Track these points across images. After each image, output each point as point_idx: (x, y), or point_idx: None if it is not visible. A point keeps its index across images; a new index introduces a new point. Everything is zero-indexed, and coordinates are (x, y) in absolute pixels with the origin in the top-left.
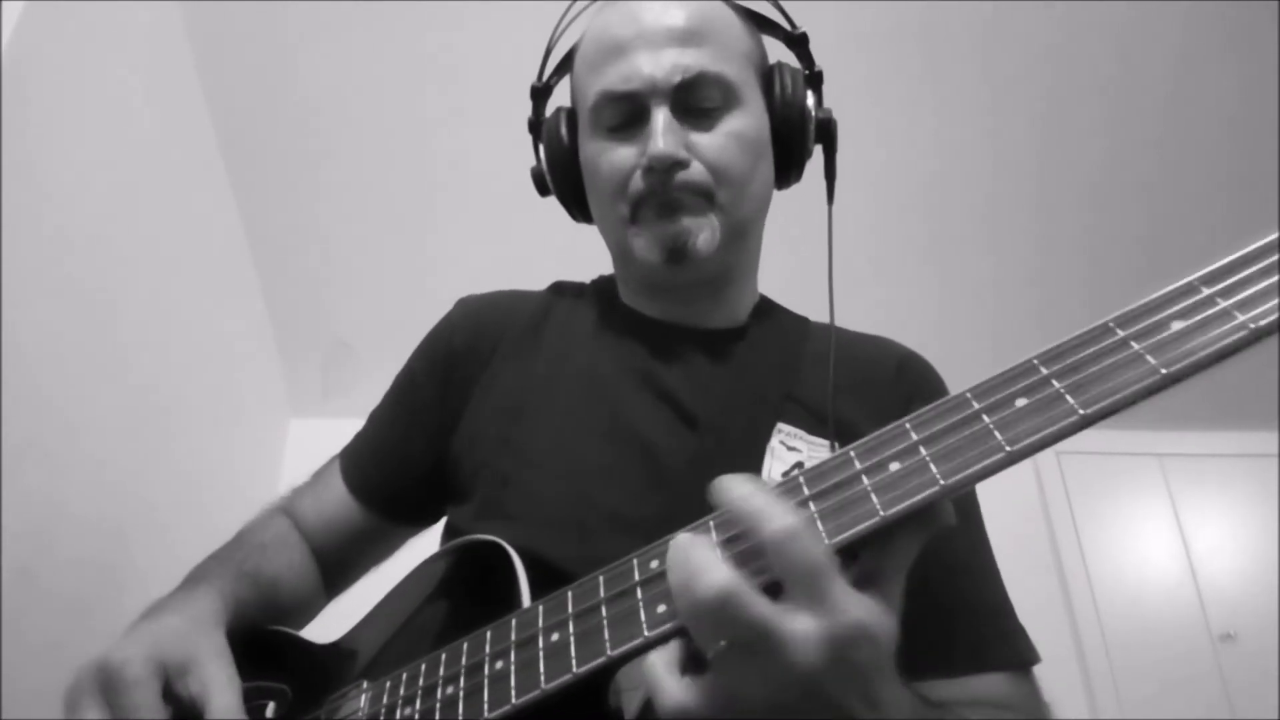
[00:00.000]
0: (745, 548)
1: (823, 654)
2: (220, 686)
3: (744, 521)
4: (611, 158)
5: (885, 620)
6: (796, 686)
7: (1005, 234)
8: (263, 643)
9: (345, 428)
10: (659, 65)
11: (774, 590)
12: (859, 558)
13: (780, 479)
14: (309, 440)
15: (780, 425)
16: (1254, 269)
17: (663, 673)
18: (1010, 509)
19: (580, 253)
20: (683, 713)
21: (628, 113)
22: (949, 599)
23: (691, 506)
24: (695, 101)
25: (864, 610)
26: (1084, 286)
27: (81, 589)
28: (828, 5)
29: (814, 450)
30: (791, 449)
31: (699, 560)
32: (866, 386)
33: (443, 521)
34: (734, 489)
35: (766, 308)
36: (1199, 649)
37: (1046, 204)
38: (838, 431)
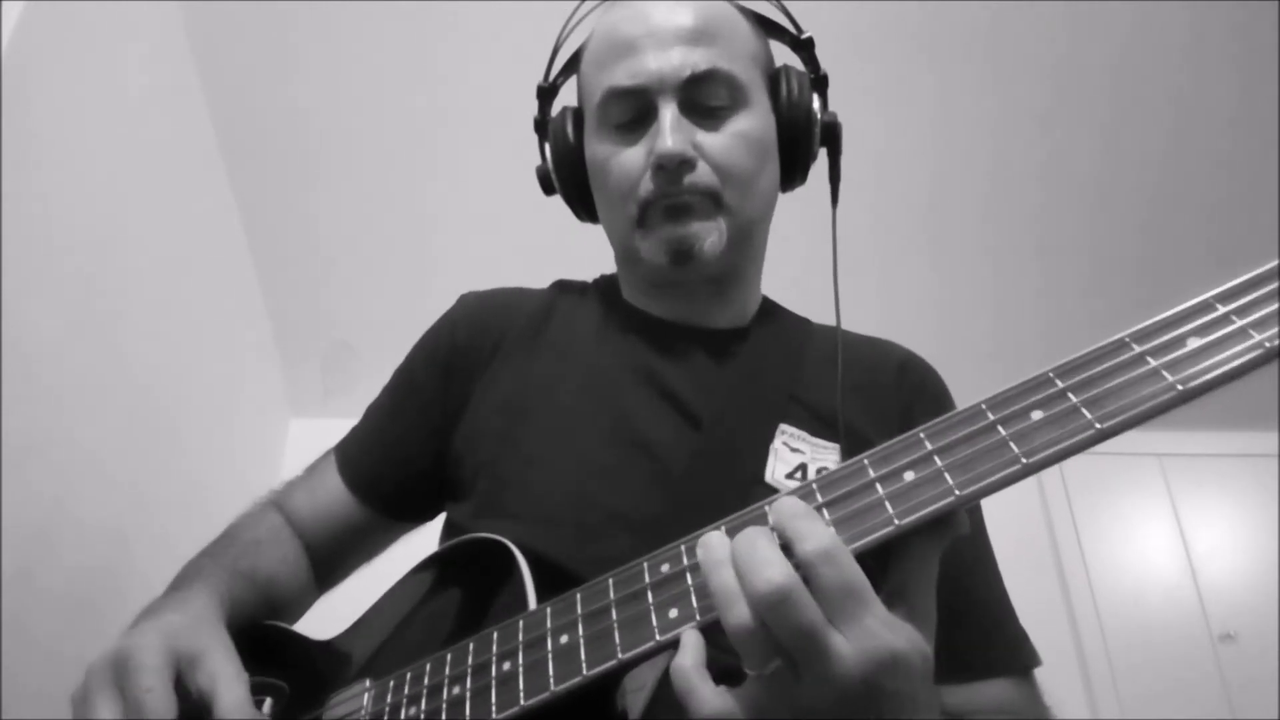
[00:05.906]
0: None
1: (853, 678)
2: (229, 680)
3: (784, 537)
4: (621, 159)
5: (918, 647)
6: (828, 703)
7: (1007, 236)
8: (258, 638)
9: (345, 428)
10: (667, 61)
11: None
12: (888, 574)
13: (785, 480)
14: (309, 440)
15: (783, 426)
16: (1270, 288)
17: (696, 679)
18: (1010, 509)
19: (581, 252)
20: None
21: (635, 110)
22: (952, 604)
23: (694, 506)
24: (703, 99)
25: (898, 637)
26: (1086, 287)
27: (82, 590)
28: (831, 7)
29: (817, 452)
30: (795, 450)
31: (764, 553)
32: (869, 388)
33: (440, 519)
34: (781, 503)
35: (769, 309)
36: (1199, 649)
37: (1049, 206)
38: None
